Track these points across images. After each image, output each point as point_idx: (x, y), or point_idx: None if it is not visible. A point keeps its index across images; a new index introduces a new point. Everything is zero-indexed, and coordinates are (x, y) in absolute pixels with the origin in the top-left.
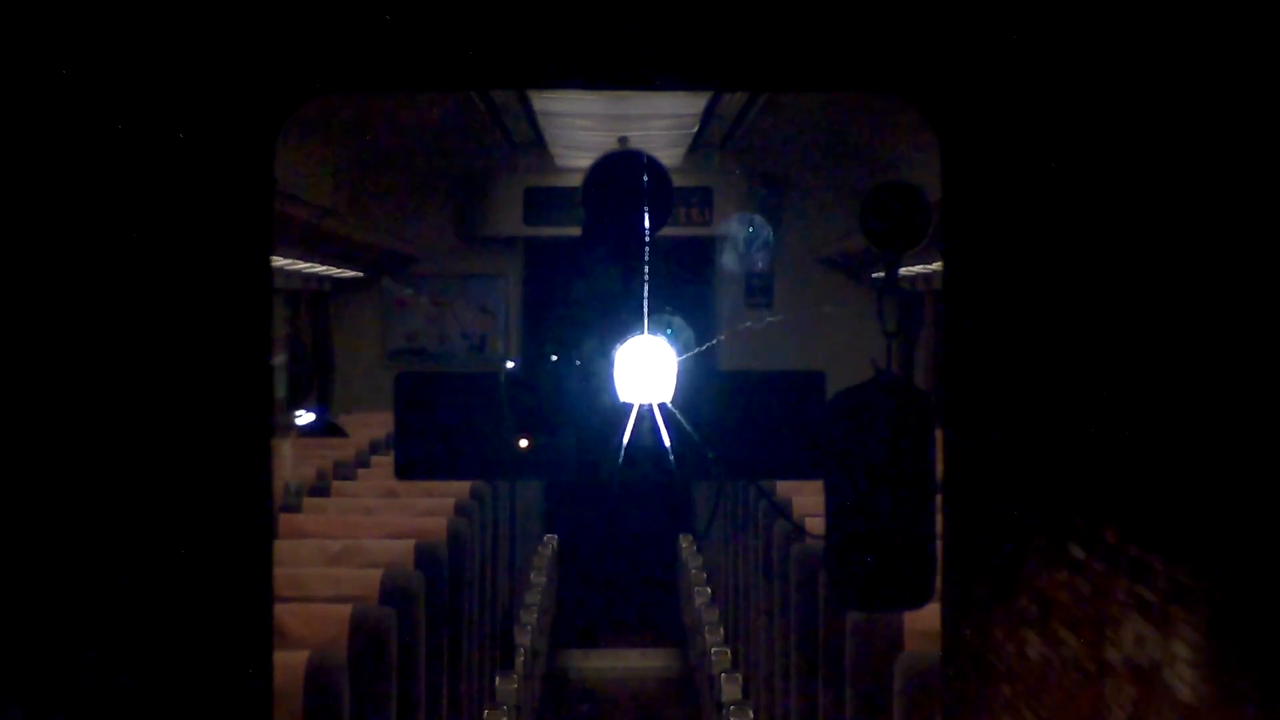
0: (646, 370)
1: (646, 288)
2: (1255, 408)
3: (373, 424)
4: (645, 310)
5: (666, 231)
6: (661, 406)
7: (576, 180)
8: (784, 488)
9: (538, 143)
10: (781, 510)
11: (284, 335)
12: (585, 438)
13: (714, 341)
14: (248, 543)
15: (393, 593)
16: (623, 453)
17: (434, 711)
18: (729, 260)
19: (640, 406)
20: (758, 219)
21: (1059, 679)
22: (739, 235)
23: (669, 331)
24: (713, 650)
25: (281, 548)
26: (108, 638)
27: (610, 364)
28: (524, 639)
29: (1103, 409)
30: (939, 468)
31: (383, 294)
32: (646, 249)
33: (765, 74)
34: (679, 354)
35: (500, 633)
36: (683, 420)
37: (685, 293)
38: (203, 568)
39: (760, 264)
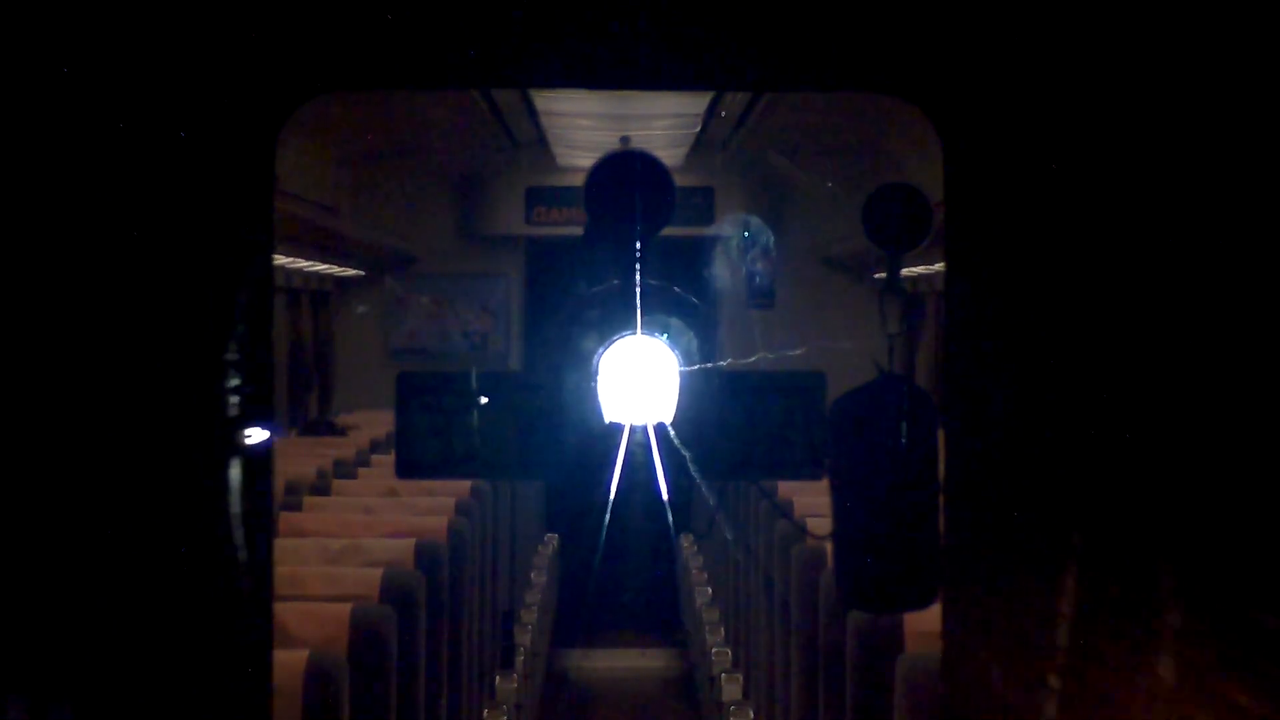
0: (646, 386)
1: (642, 289)
2: (1255, 408)
3: (374, 423)
4: (638, 311)
5: (668, 232)
6: (659, 426)
7: (578, 180)
8: (785, 488)
9: (539, 142)
10: (783, 510)
11: (285, 334)
12: (584, 449)
13: (719, 363)
14: (248, 541)
15: (393, 592)
16: (616, 478)
17: (434, 711)
18: (730, 261)
19: (634, 426)
20: (756, 220)
21: (1059, 679)
22: (741, 236)
23: (665, 335)
24: (713, 650)
25: (282, 546)
26: (108, 636)
27: (595, 375)
28: (524, 638)
29: (1103, 409)
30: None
31: (384, 293)
32: (639, 250)
33: (766, 74)
34: (681, 364)
35: (500, 632)
36: (680, 444)
37: (685, 293)
38: (203, 566)
39: (762, 265)
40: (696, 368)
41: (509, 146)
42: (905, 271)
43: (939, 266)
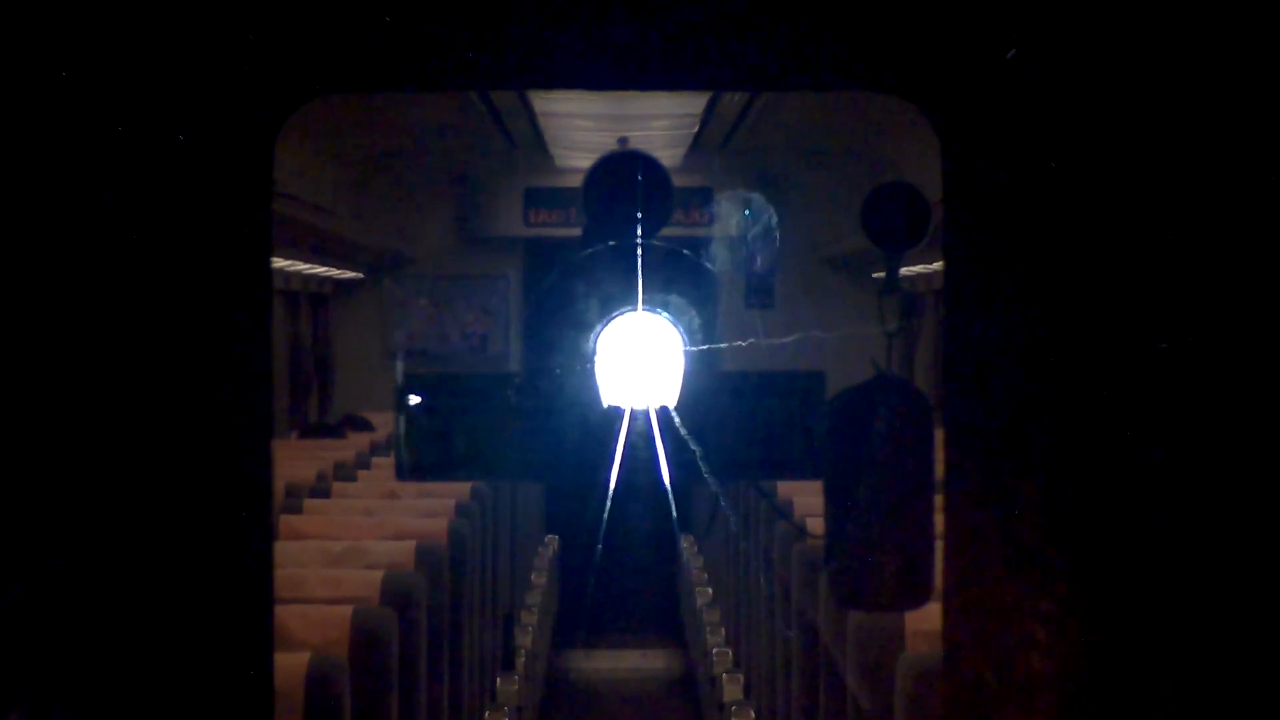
0: (650, 367)
1: (644, 250)
2: (1256, 408)
3: (373, 425)
4: (640, 295)
5: (666, 231)
6: (661, 411)
7: (577, 181)
8: (784, 488)
9: (538, 143)
10: (782, 510)
11: (284, 337)
12: (583, 442)
13: (734, 343)
14: (248, 544)
15: (393, 594)
16: (616, 470)
17: (435, 712)
18: (728, 260)
19: (635, 411)
20: (758, 197)
21: (1059, 679)
22: (741, 215)
23: (666, 313)
24: (713, 650)
25: (283, 549)
26: (107, 638)
27: (592, 357)
28: (524, 640)
29: (1102, 408)
30: (939, 468)
31: (383, 295)
32: (640, 247)
33: (765, 74)
34: (686, 343)
35: (501, 633)
36: (683, 429)
37: (684, 287)
38: (203, 568)
39: (761, 264)
40: (705, 348)
41: (507, 148)
42: (905, 270)
43: (938, 265)
